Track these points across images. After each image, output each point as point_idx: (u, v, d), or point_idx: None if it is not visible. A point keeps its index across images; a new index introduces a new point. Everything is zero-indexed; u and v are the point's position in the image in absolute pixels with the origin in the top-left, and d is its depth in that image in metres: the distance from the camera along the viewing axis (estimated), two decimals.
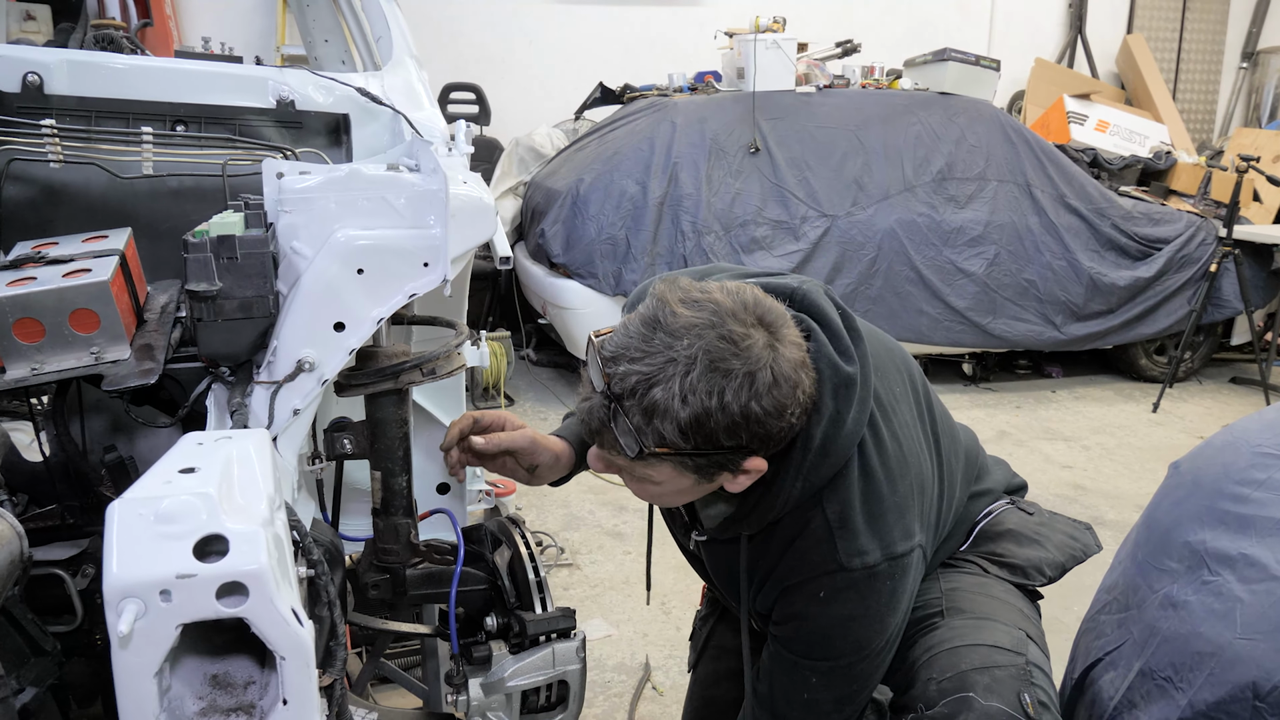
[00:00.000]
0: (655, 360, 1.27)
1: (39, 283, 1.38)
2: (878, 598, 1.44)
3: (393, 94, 2.00)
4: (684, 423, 1.26)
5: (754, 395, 1.27)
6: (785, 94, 5.51)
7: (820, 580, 1.44)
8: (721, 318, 1.29)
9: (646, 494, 1.47)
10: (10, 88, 1.72)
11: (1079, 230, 5.67)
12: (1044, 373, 6.16)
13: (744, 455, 1.33)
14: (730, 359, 1.26)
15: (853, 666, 1.48)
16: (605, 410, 1.31)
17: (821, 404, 1.39)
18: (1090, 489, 4.34)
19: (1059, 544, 1.78)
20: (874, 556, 1.43)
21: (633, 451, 1.30)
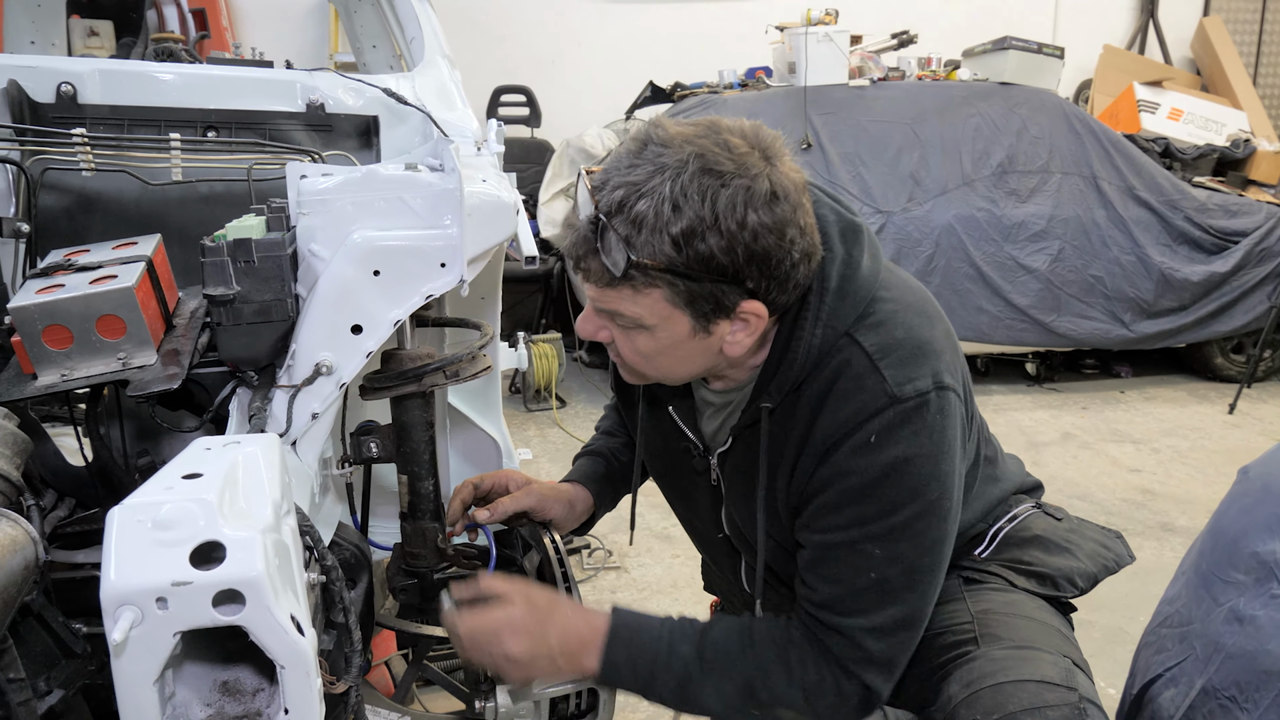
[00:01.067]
0: (643, 171, 1.20)
1: (66, 290, 1.39)
2: (930, 434, 1.31)
3: (424, 94, 1.99)
4: (676, 233, 1.18)
5: (750, 204, 1.18)
6: (838, 88, 5.43)
7: (869, 424, 1.30)
8: (717, 130, 1.23)
9: (639, 351, 1.35)
10: (45, 98, 1.74)
11: (1149, 224, 5.48)
12: (1112, 372, 5.97)
13: (741, 292, 1.24)
14: (725, 163, 1.19)
15: (915, 524, 1.33)
16: (592, 230, 1.23)
17: (831, 246, 1.31)
18: (1160, 494, 4.18)
19: (1090, 553, 1.64)
20: (925, 382, 1.30)
21: (619, 268, 1.20)
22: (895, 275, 1.43)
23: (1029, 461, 4.46)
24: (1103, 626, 3.05)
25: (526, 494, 1.66)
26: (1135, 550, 3.58)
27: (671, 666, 1.40)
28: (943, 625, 1.51)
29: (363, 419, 1.62)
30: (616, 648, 1.41)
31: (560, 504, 1.69)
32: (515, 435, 4.86)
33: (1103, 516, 3.90)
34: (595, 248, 1.23)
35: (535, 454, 4.63)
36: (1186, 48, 8.57)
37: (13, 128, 1.65)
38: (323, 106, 1.88)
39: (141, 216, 1.74)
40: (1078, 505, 4.01)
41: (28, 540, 1.11)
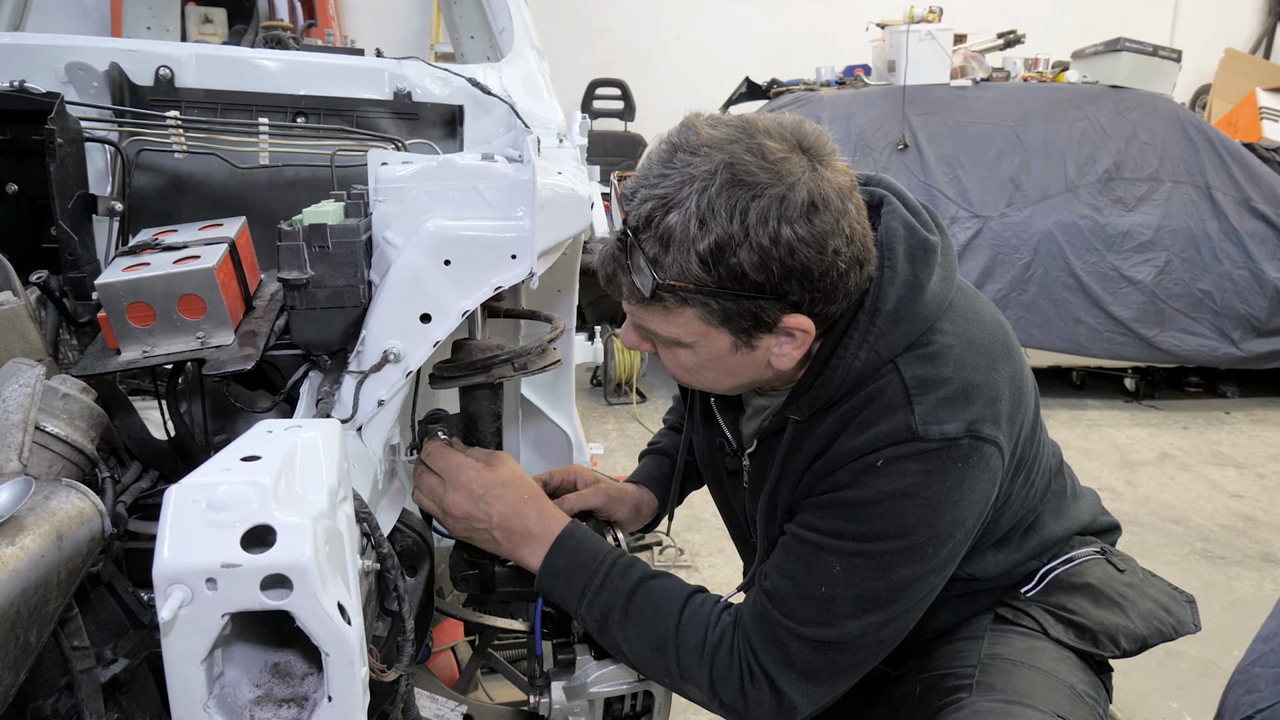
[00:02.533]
0: (671, 181, 1.13)
1: (150, 269, 1.43)
2: (943, 479, 1.20)
3: (511, 85, 1.99)
4: (703, 251, 1.11)
5: (784, 217, 1.10)
6: (938, 87, 5.30)
7: (882, 451, 1.21)
8: (751, 133, 1.14)
9: (681, 366, 1.31)
10: (144, 81, 1.79)
11: (1266, 237, 5.22)
12: (1218, 392, 5.70)
13: (782, 307, 1.16)
14: (757, 172, 1.10)
15: (887, 558, 1.23)
16: (621, 247, 1.18)
17: (894, 265, 1.22)
18: (1263, 522, 3.97)
19: (1145, 612, 1.52)
20: (955, 428, 1.20)
21: (647, 289, 1.15)
22: (969, 304, 1.33)
23: (1122, 481, 4.30)
24: (1193, 658, 2.91)
25: (595, 493, 1.65)
26: (1233, 580, 3.42)
27: (600, 597, 1.37)
28: (950, 666, 1.45)
29: (433, 407, 1.63)
30: (559, 555, 1.40)
31: (626, 506, 1.68)
32: (594, 429, 4.88)
33: (1199, 543, 3.72)
34: (625, 265, 1.19)
35: (613, 448, 4.63)
36: None
37: (112, 109, 1.70)
38: (409, 95, 1.90)
39: (229, 199, 1.78)
40: (1172, 530, 3.84)
41: (95, 513, 1.14)
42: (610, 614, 1.37)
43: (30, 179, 1.58)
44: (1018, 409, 1.31)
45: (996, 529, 1.44)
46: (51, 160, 1.50)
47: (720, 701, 1.34)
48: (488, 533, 1.43)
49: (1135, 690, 2.73)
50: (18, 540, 1.01)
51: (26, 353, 1.36)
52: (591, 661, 1.54)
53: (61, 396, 1.23)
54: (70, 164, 1.55)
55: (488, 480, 1.43)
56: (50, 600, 1.06)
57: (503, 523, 1.42)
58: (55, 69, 1.73)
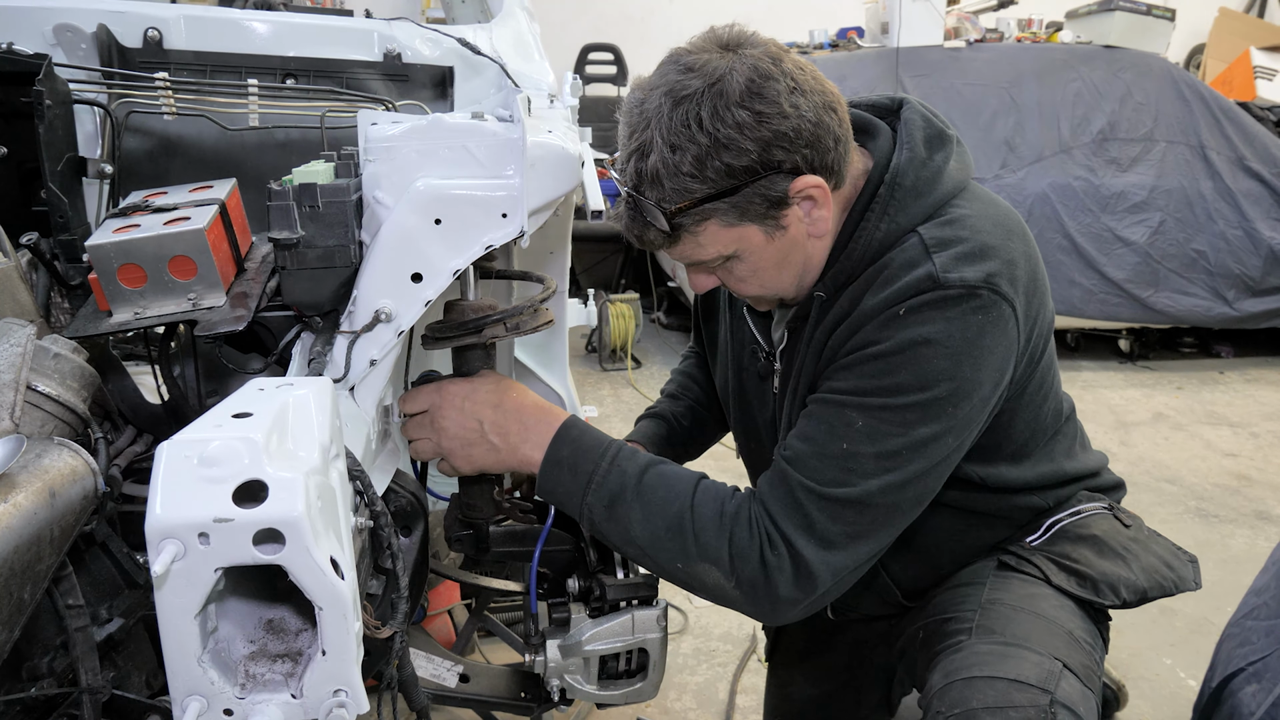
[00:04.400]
0: (637, 131, 1.26)
1: (141, 230, 1.42)
2: (963, 329, 1.24)
3: (501, 45, 1.97)
4: (688, 168, 1.22)
5: (729, 104, 1.20)
6: (932, 49, 5.26)
7: (905, 301, 1.26)
8: (675, 60, 1.26)
9: (741, 279, 1.38)
10: (132, 43, 1.77)
11: (1260, 196, 5.21)
12: (1212, 352, 5.72)
13: (782, 175, 1.25)
14: (690, 83, 1.22)
15: (908, 412, 1.25)
16: (630, 207, 1.28)
17: (913, 147, 1.31)
18: (1257, 480, 4.00)
19: (1147, 566, 1.55)
20: (974, 275, 1.25)
21: (664, 225, 1.26)
22: (986, 192, 1.40)
23: (1116, 442, 4.32)
24: (1187, 615, 2.94)
25: None
26: (1227, 538, 3.45)
27: (609, 480, 1.35)
28: (952, 610, 1.48)
29: (426, 368, 1.63)
30: (562, 445, 1.38)
31: None
32: (589, 394, 4.88)
33: (1193, 501, 3.75)
34: (642, 220, 1.28)
35: (607, 413, 4.64)
36: None
37: (100, 70, 1.69)
38: (399, 56, 1.88)
39: (219, 161, 1.76)
40: (1167, 489, 3.86)
41: (87, 471, 1.14)
42: (620, 495, 1.35)
43: (19, 141, 1.57)
44: (1033, 288, 1.35)
45: (1011, 437, 1.47)
46: (40, 122, 1.48)
47: (739, 579, 1.31)
48: (484, 440, 1.40)
49: (1129, 647, 2.76)
50: (10, 497, 1.02)
51: (17, 314, 1.35)
52: (586, 620, 1.55)
53: (53, 356, 1.23)
54: (59, 126, 1.54)
55: (468, 389, 1.42)
56: (44, 557, 1.07)
57: (496, 425, 1.40)
58: (43, 30, 1.71)
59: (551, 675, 1.56)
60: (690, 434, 1.85)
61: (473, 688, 1.71)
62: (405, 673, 1.32)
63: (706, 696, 2.55)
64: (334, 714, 0.97)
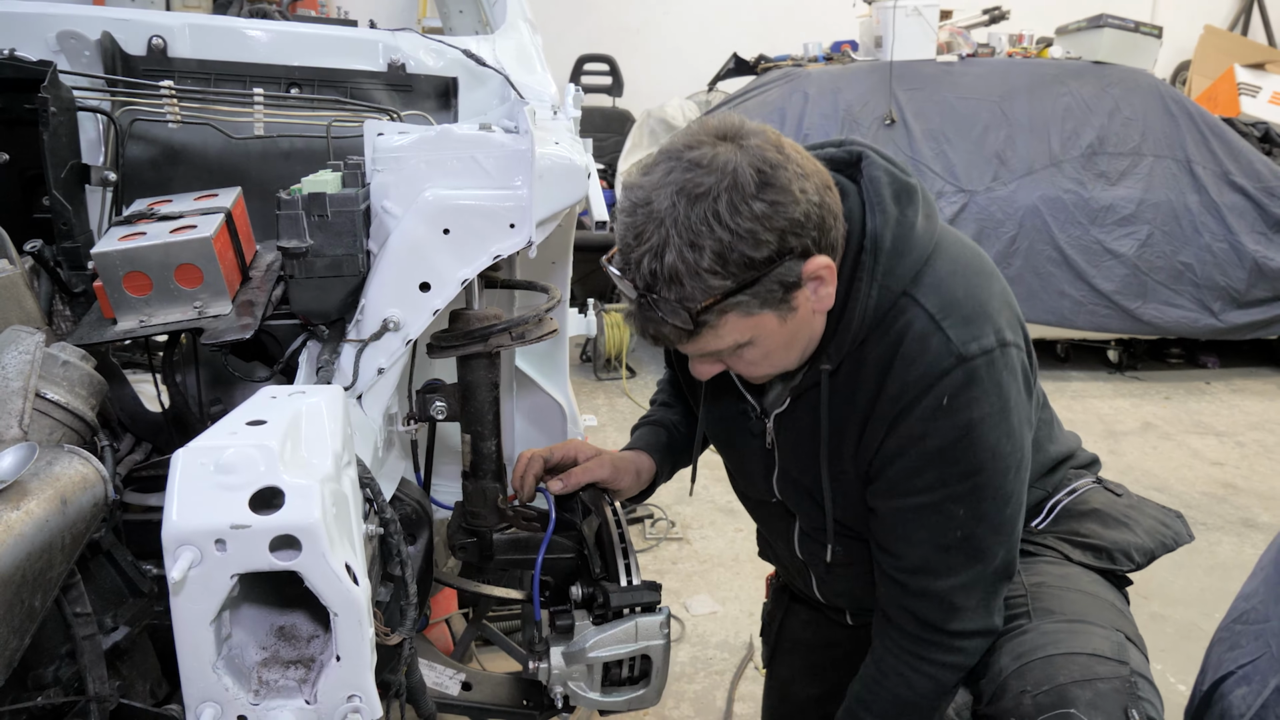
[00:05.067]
0: (648, 232, 1.23)
1: (147, 238, 1.43)
2: (997, 391, 1.33)
3: (504, 57, 1.99)
4: (706, 265, 1.21)
5: (746, 195, 1.20)
6: (925, 63, 5.30)
7: (938, 385, 1.32)
8: (676, 157, 1.24)
9: (751, 364, 1.39)
10: (137, 51, 1.78)
11: (1244, 210, 5.26)
12: (1198, 363, 5.76)
13: (795, 259, 1.25)
14: (702, 180, 1.20)
15: (995, 481, 1.36)
16: (645, 308, 1.27)
17: (884, 206, 1.32)
18: (1243, 489, 4.04)
19: (1149, 529, 1.64)
20: (989, 340, 1.32)
21: (687, 324, 1.25)
22: (950, 234, 1.43)
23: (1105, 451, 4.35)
24: (1177, 622, 2.96)
25: (599, 465, 1.67)
26: (1214, 545, 3.48)
27: None
28: None
29: (430, 377, 1.64)
30: None
31: (629, 475, 1.70)
32: (584, 403, 4.89)
33: (1181, 509, 3.74)
34: (658, 318, 1.26)
35: (602, 422, 4.65)
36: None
37: (104, 78, 1.69)
38: (404, 67, 1.89)
39: (223, 169, 1.77)
40: (1155, 498, 3.82)
41: (98, 478, 1.14)
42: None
43: (21, 148, 1.57)
44: (1014, 317, 1.42)
45: None
46: (45, 129, 1.49)
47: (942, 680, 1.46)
48: None
49: None
50: (22, 505, 1.02)
51: (24, 321, 1.35)
52: (590, 627, 1.56)
53: (62, 364, 1.23)
54: (63, 133, 1.54)
55: None
56: (55, 565, 1.07)
57: None
58: (46, 37, 1.72)
59: (555, 682, 1.56)
60: (687, 441, 1.86)
61: (475, 695, 1.71)
62: (414, 679, 1.33)
63: (704, 704, 2.55)
64: (349, 719, 0.98)
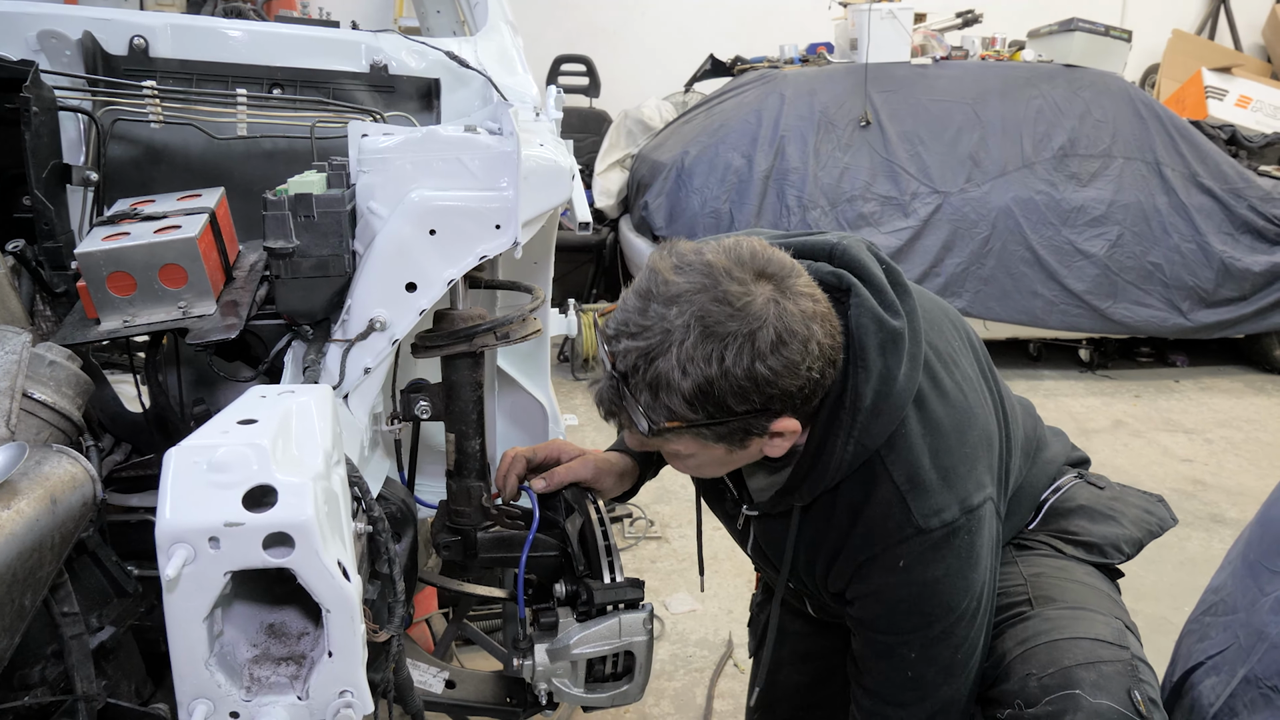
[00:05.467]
0: (652, 333, 1.22)
1: (131, 238, 1.43)
2: (958, 556, 1.37)
3: (486, 59, 2.00)
4: (688, 394, 1.21)
5: (756, 355, 1.20)
6: (899, 66, 5.35)
7: (897, 549, 1.37)
8: (714, 278, 1.22)
9: (685, 467, 1.43)
10: (118, 50, 1.78)
11: (1211, 211, 5.35)
12: (1167, 361, 5.85)
13: (767, 417, 1.26)
14: (726, 321, 1.20)
15: (948, 633, 1.41)
16: (614, 390, 1.27)
17: (868, 361, 1.31)
18: (1211, 484, 4.11)
19: (1134, 519, 1.68)
20: (951, 513, 1.35)
21: (645, 430, 1.26)
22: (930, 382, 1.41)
23: None
24: (1148, 615, 3.01)
25: (583, 465, 1.68)
26: (1183, 540, 3.53)
27: None
28: (1000, 589, 1.54)
29: (413, 377, 1.65)
30: None
31: (612, 475, 1.71)
32: (563, 403, 4.89)
33: None
34: (620, 406, 1.28)
35: (582, 421, 4.66)
36: (1258, 34, 8.32)
37: (85, 78, 1.69)
38: (386, 68, 1.90)
39: (206, 170, 1.77)
40: None
41: (86, 478, 1.14)
42: None
43: (3, 148, 1.57)
44: (992, 451, 1.45)
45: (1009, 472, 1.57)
46: (26, 129, 1.48)
47: None
48: None
49: None
50: (13, 504, 1.02)
51: (7, 321, 1.35)
52: (574, 624, 1.57)
53: (48, 364, 1.23)
54: (45, 133, 1.54)
55: None
56: (44, 564, 1.07)
57: None
58: (26, 37, 1.71)
59: (539, 679, 1.57)
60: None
61: (459, 693, 1.72)
62: (401, 676, 1.34)
63: (684, 701, 2.57)
64: (341, 714, 0.99)
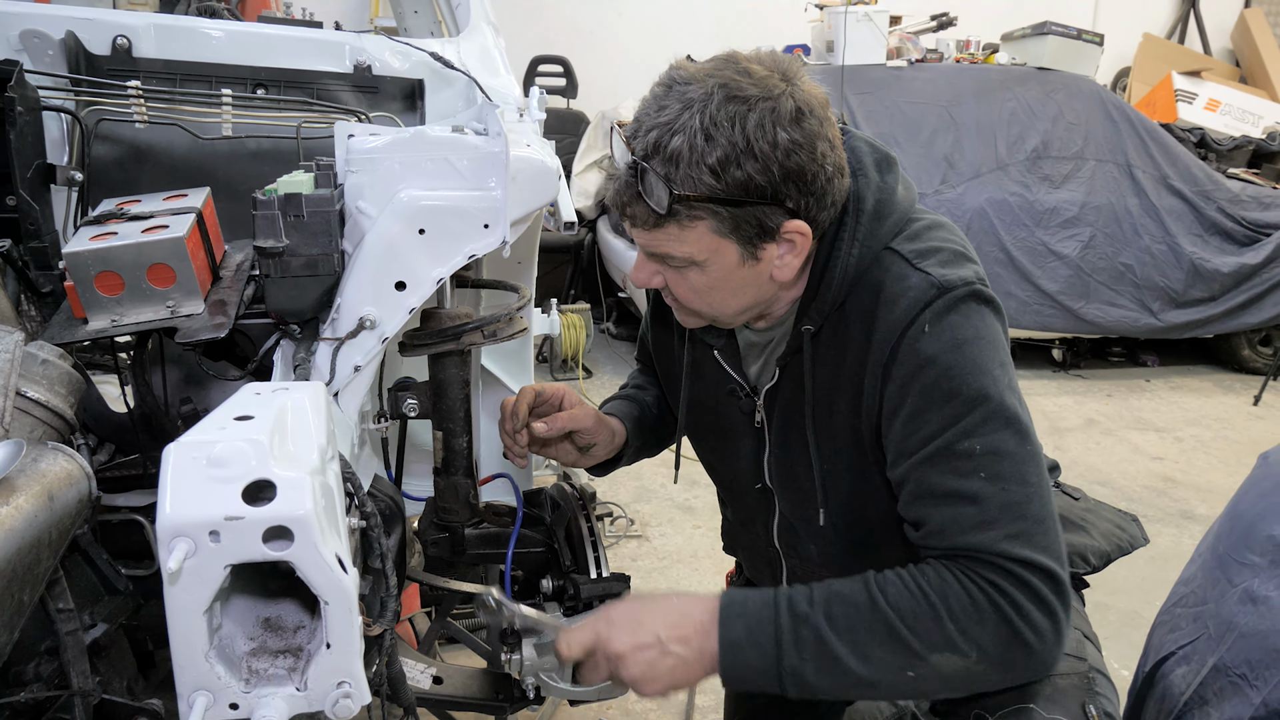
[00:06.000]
0: (672, 110, 1.23)
1: (119, 238, 1.43)
2: (980, 319, 1.29)
3: (468, 60, 2.01)
4: (712, 162, 1.21)
5: (778, 121, 1.21)
6: (875, 68, 5.41)
7: (921, 316, 1.28)
8: (735, 60, 1.26)
9: (693, 288, 1.35)
10: (101, 50, 1.78)
11: (1181, 213, 5.45)
12: (1138, 361, 5.95)
13: (782, 212, 1.27)
14: (747, 87, 1.22)
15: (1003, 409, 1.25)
16: (632, 175, 1.26)
17: (866, 173, 1.35)
18: (1181, 482, 4.19)
19: (1105, 532, 1.66)
20: (971, 275, 1.31)
21: (664, 205, 1.23)
22: (929, 211, 1.47)
23: (1051, 446, 4.45)
24: (1119, 610, 3.07)
25: (584, 413, 1.65)
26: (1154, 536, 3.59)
27: (800, 633, 1.25)
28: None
29: (400, 375, 1.66)
30: (731, 626, 1.28)
31: (606, 431, 1.69)
32: None
33: (1123, 503, 3.91)
34: (638, 191, 1.26)
35: None
36: (1226, 38, 8.47)
37: (69, 78, 1.69)
38: (370, 68, 1.91)
39: (190, 170, 1.77)
40: (1099, 491, 4.01)
41: (82, 475, 1.16)
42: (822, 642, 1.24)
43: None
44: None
45: None
46: (11, 128, 1.48)
47: (980, 647, 1.22)
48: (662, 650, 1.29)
49: None
50: (12, 500, 1.03)
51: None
52: (561, 618, 1.59)
53: (41, 362, 1.24)
54: (29, 133, 1.54)
55: (624, 610, 1.35)
56: (42, 560, 1.08)
57: (670, 630, 1.29)
58: (9, 36, 1.71)
59: (527, 673, 1.58)
60: (657, 422, 1.84)
61: (446, 689, 1.73)
62: (394, 671, 1.35)
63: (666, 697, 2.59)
64: (340, 704, 1.01)
